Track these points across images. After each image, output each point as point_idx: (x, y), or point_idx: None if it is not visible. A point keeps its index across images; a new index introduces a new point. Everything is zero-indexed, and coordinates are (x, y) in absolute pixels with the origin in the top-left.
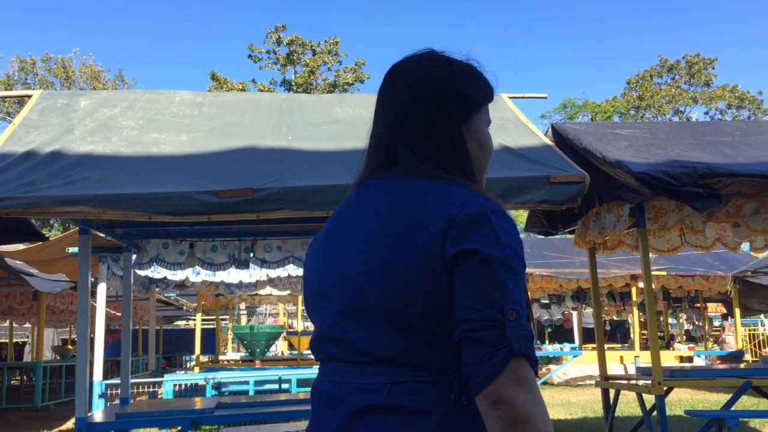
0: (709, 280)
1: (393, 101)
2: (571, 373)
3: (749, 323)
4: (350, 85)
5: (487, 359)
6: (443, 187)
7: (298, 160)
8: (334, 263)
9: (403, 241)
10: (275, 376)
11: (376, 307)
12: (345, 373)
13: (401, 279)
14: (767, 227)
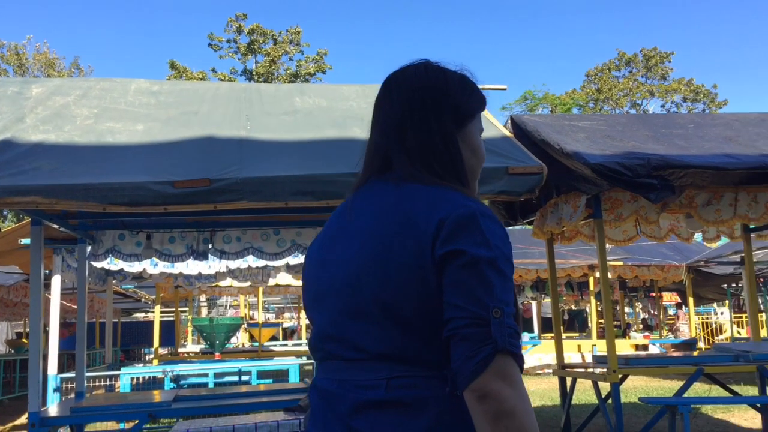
0: (664, 269)
1: (390, 110)
2: (530, 362)
3: (703, 312)
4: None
5: (473, 355)
6: (436, 191)
7: (257, 151)
8: (331, 265)
9: (396, 241)
10: (235, 368)
11: (372, 305)
12: (343, 371)
13: (395, 278)
14: (719, 218)
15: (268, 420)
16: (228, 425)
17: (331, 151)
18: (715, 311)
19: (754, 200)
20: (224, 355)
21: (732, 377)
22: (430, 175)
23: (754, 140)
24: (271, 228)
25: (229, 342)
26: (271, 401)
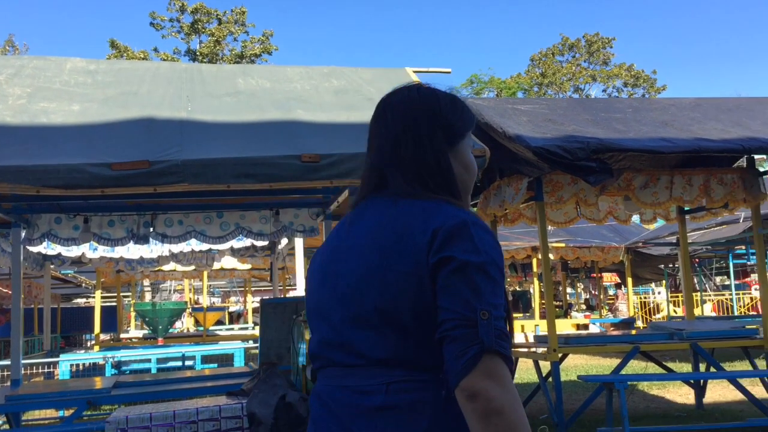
0: (604, 251)
1: (385, 131)
2: None
3: (641, 291)
4: (258, 56)
5: (461, 355)
6: (430, 205)
7: (198, 132)
8: (333, 276)
9: (394, 251)
10: (179, 353)
11: (372, 312)
12: (343, 377)
13: (394, 285)
14: (656, 200)
15: (210, 405)
16: (169, 411)
17: (275, 134)
18: (652, 291)
19: (688, 183)
20: (168, 340)
21: (667, 355)
22: (425, 191)
23: (689, 124)
24: (215, 211)
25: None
26: (215, 386)
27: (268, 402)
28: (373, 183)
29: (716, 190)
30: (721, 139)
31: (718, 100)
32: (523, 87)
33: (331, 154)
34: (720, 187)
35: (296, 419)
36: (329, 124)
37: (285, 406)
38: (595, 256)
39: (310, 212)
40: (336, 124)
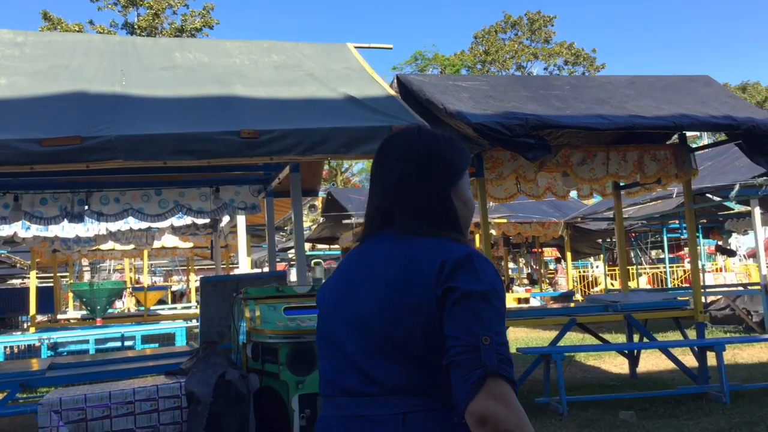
0: (545, 226)
1: (389, 172)
2: None
3: (580, 266)
4: (198, 30)
5: (466, 379)
6: (436, 242)
7: (133, 107)
8: (344, 307)
9: (404, 284)
10: (118, 333)
11: (384, 342)
12: (358, 407)
13: (404, 316)
14: (593, 176)
15: (147, 385)
16: (104, 392)
17: (213, 109)
18: (591, 265)
19: (623, 159)
20: (107, 320)
21: (604, 326)
22: (430, 228)
23: (625, 102)
24: (152, 188)
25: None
26: (154, 366)
27: (207, 381)
28: (379, 221)
29: (650, 166)
30: (654, 116)
31: (651, 79)
32: (466, 64)
33: (270, 130)
34: (653, 163)
35: (236, 397)
36: (269, 100)
37: (224, 384)
38: (535, 231)
39: (251, 189)
40: (276, 99)
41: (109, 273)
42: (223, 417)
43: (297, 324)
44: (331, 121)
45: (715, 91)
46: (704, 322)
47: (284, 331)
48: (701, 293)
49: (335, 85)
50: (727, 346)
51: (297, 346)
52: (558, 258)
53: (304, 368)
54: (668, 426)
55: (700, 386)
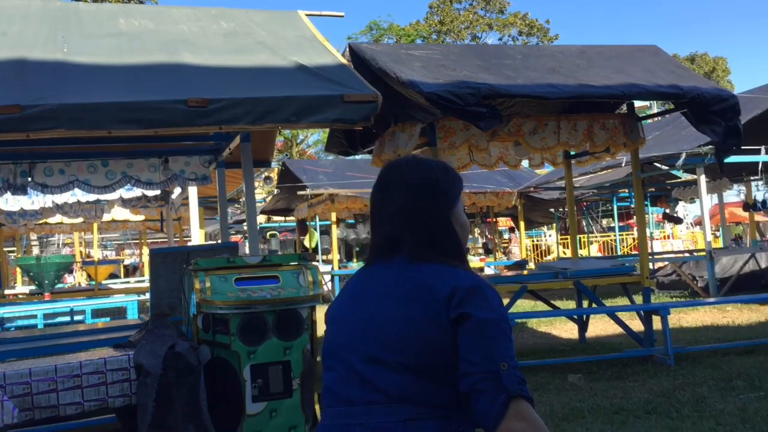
0: (499, 196)
1: (392, 203)
2: None
3: (534, 235)
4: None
5: (492, 403)
6: (444, 267)
7: (76, 75)
8: (353, 322)
9: (415, 303)
10: (67, 308)
11: (390, 354)
12: (360, 415)
13: (414, 332)
14: (545, 145)
15: (94, 358)
16: (50, 365)
17: (159, 77)
18: (544, 234)
19: (573, 128)
20: (56, 295)
21: (556, 294)
22: (435, 254)
23: (575, 71)
24: (99, 159)
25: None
26: (102, 339)
27: (157, 352)
28: (388, 247)
29: (599, 135)
30: (603, 86)
31: (601, 48)
32: (421, 34)
33: (219, 99)
34: (602, 132)
35: (186, 368)
36: (218, 68)
37: (174, 355)
38: (490, 201)
39: (202, 160)
40: (225, 68)
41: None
42: (173, 388)
43: (248, 294)
44: (281, 90)
45: (663, 61)
46: (650, 287)
47: (235, 301)
48: (648, 260)
49: (286, 54)
50: (672, 310)
51: (248, 317)
52: (512, 227)
53: (255, 338)
54: (615, 388)
55: (645, 349)
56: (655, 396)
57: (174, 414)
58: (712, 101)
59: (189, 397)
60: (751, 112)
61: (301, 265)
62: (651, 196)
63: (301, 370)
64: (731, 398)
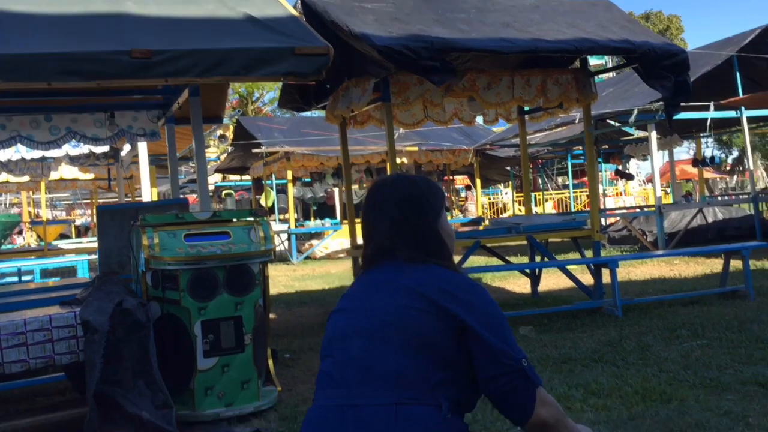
0: (455, 153)
1: (384, 217)
2: (332, 247)
3: (491, 193)
4: None
5: (527, 399)
6: (436, 268)
7: (11, 24)
8: (352, 313)
9: (410, 295)
10: (14, 268)
11: (388, 341)
12: (354, 397)
13: (409, 320)
14: (499, 100)
15: (39, 315)
16: None
17: (101, 27)
18: (501, 192)
19: (527, 83)
20: (4, 255)
21: (511, 250)
22: (427, 257)
23: (529, 26)
24: (42, 114)
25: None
26: (50, 297)
27: (104, 309)
28: (381, 256)
29: (552, 90)
30: (556, 40)
31: (555, 3)
32: None
33: (164, 50)
34: (555, 87)
35: (134, 325)
36: (163, 18)
37: (121, 312)
38: (446, 159)
39: (150, 115)
40: (171, 18)
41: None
42: (122, 345)
43: (198, 250)
44: (230, 42)
45: (615, 16)
46: (600, 241)
47: (185, 257)
48: (598, 214)
49: (235, 4)
50: (621, 263)
51: (198, 272)
52: (468, 185)
53: (205, 294)
54: (564, 339)
55: (595, 301)
56: (603, 345)
57: (123, 370)
58: (663, 56)
59: (139, 353)
60: (702, 69)
61: (253, 221)
62: (604, 154)
63: (253, 326)
64: (675, 346)
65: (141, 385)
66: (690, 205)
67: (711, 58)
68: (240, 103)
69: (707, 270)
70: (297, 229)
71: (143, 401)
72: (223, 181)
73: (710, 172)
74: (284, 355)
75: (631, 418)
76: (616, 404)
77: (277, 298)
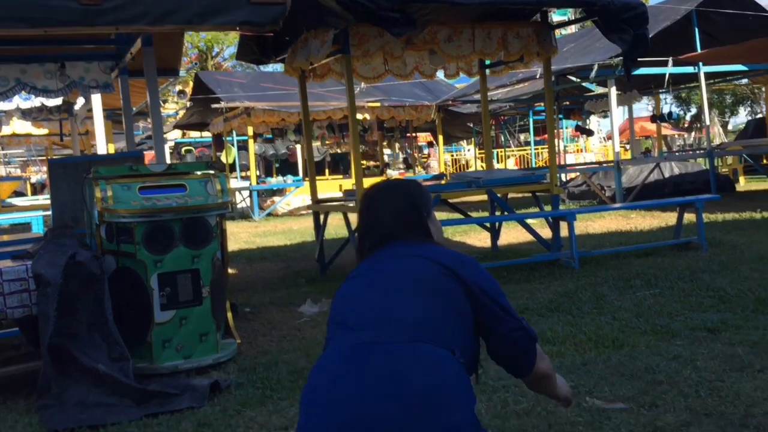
0: (417, 109)
1: (387, 210)
2: (294, 204)
3: (453, 150)
4: None
5: (527, 352)
6: (437, 245)
7: None
8: (373, 273)
9: (428, 260)
10: None
11: (411, 292)
12: (377, 337)
13: (431, 276)
14: (460, 53)
15: None
16: None
17: None
18: (463, 149)
19: (488, 36)
20: None
21: (473, 207)
22: (424, 238)
23: None
24: None
25: None
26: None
27: (56, 262)
28: (384, 241)
29: (513, 44)
30: None
31: None
32: None
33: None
34: (516, 41)
35: (88, 278)
36: None
37: (75, 265)
38: (409, 115)
39: (102, 66)
40: None
41: None
42: (76, 298)
43: (153, 203)
44: None
45: None
46: (559, 195)
47: (140, 210)
48: (556, 167)
49: None
50: (579, 217)
51: (153, 225)
52: (431, 142)
53: (161, 247)
54: (522, 290)
55: (552, 254)
56: (559, 296)
57: (78, 323)
58: (622, 9)
59: (93, 306)
60: (661, 24)
61: (209, 174)
62: (564, 110)
63: (210, 278)
64: (628, 296)
65: (96, 338)
66: (647, 160)
67: (670, 12)
68: (199, 58)
69: (662, 223)
70: (258, 185)
71: (99, 354)
72: (183, 138)
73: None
74: (244, 309)
75: (584, 364)
76: (569, 351)
77: (239, 254)
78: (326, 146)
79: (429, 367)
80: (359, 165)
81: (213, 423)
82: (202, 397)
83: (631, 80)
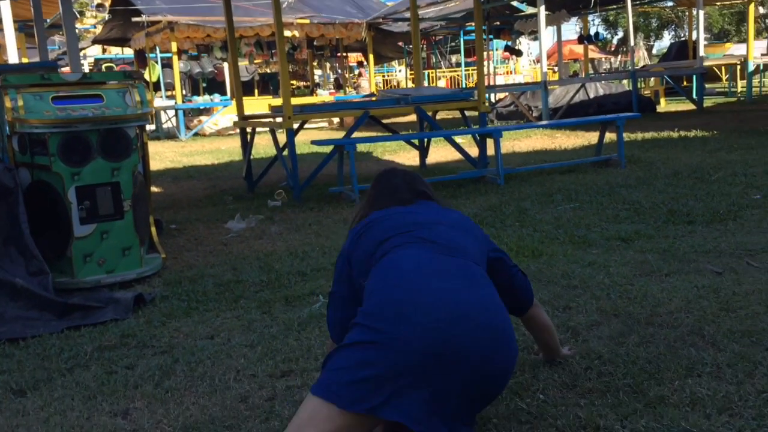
0: (348, 27)
1: (398, 188)
2: (222, 123)
3: (385, 71)
4: None
5: (527, 284)
6: None
7: None
8: (411, 213)
9: (462, 215)
10: None
11: (458, 228)
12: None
13: (470, 229)
14: None
15: None
16: None
17: None
18: (395, 70)
19: None
20: None
21: (404, 127)
22: None
23: None
24: None
25: None
26: None
27: None
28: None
29: None
30: None
31: None
32: None
33: None
34: None
35: (1, 191)
36: None
37: None
38: (339, 33)
39: None
40: None
41: None
42: None
43: (68, 113)
44: None
45: None
46: (486, 113)
47: (53, 120)
48: (484, 85)
49: None
50: (506, 134)
51: (69, 136)
52: (361, 62)
53: (78, 159)
54: (448, 206)
55: (479, 171)
56: (484, 210)
57: None
58: None
59: (8, 219)
60: None
61: (128, 84)
62: (495, 30)
63: (132, 192)
64: (550, 210)
65: (13, 252)
66: (573, 80)
67: None
68: None
69: (585, 142)
70: (184, 104)
71: (16, 268)
72: (103, 54)
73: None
74: (170, 226)
75: None
76: None
77: (164, 173)
78: (255, 65)
79: (499, 305)
80: (287, 84)
81: (137, 334)
82: (125, 309)
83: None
